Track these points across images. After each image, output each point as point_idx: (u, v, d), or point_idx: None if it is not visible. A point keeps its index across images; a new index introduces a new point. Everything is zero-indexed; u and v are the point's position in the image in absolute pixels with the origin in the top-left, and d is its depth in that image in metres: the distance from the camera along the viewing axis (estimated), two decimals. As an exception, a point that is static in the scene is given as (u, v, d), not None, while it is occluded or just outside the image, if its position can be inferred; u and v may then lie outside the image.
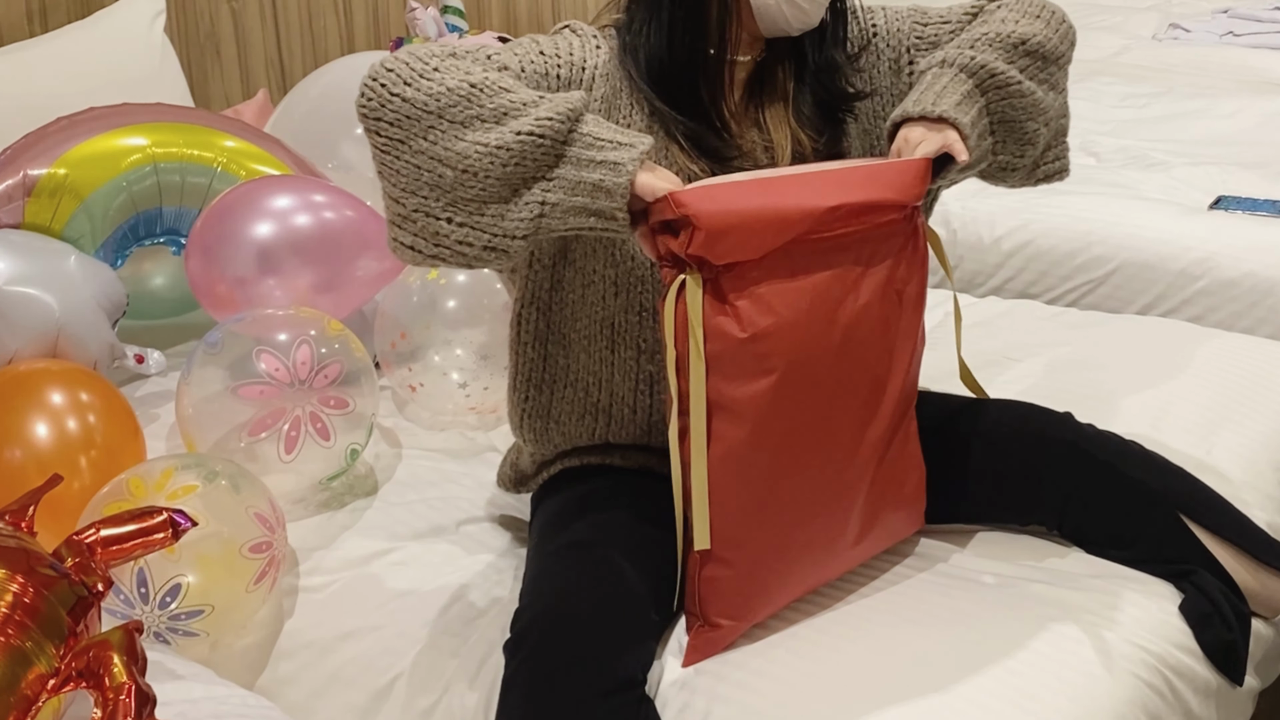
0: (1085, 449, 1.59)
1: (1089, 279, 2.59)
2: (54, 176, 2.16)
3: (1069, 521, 1.60)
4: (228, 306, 2.04)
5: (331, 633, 1.62)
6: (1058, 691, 1.38)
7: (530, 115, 1.35)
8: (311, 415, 1.79)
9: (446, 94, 1.36)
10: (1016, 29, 1.54)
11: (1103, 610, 1.50)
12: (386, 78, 1.37)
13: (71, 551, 1.36)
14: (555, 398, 1.59)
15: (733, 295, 1.37)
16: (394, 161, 1.38)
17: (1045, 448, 1.60)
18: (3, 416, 1.79)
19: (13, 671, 1.15)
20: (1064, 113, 1.64)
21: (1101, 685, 1.40)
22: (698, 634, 1.46)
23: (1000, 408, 1.67)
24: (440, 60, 1.39)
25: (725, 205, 1.34)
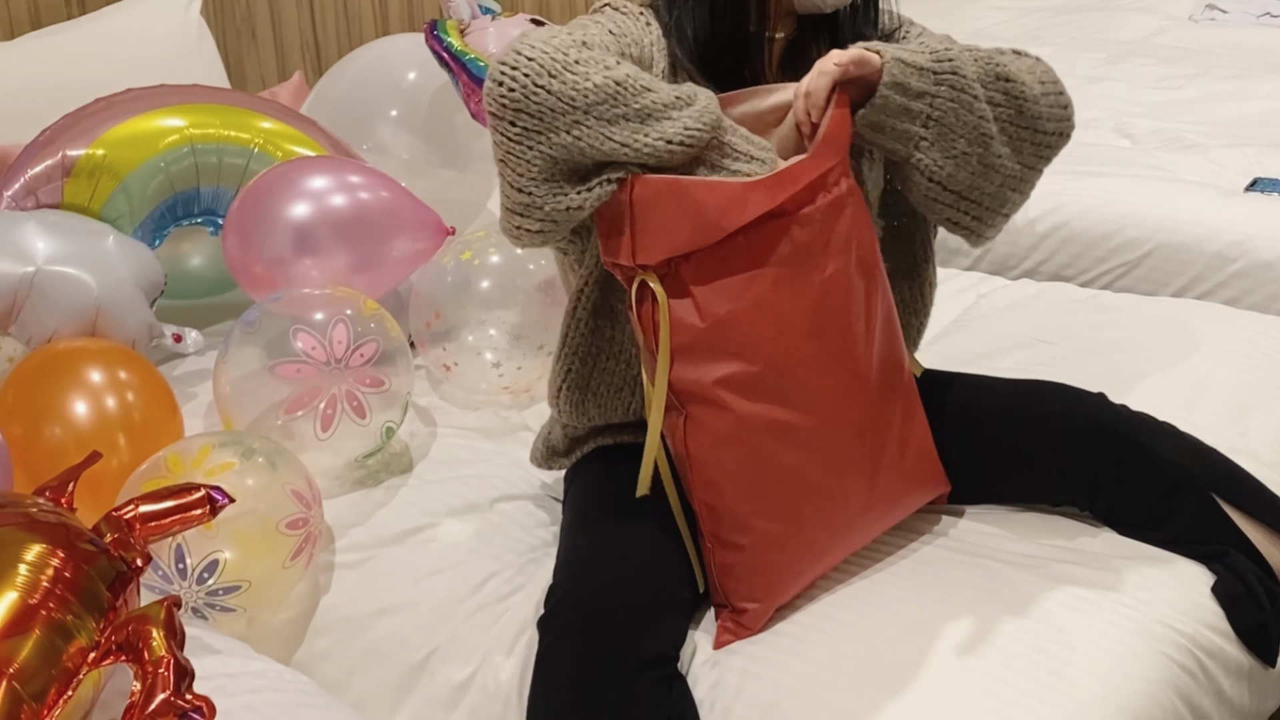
0: (1118, 429, 1.58)
1: (1123, 261, 2.57)
2: (92, 157, 2.17)
3: (1101, 502, 1.59)
4: (265, 286, 2.04)
5: (367, 608, 1.63)
6: (1088, 672, 1.38)
7: (678, 123, 1.36)
8: (348, 394, 1.80)
9: (594, 90, 1.34)
10: (1009, 66, 1.51)
11: (1134, 591, 1.49)
12: (529, 68, 1.35)
13: (111, 527, 1.37)
14: (596, 369, 1.59)
15: (693, 286, 1.38)
16: (527, 152, 1.37)
17: (1078, 428, 1.59)
18: (42, 394, 1.80)
19: (54, 644, 1.16)
20: (1015, 185, 1.55)
21: (1133, 666, 1.40)
22: (725, 619, 1.46)
23: (1033, 387, 1.66)
24: (579, 52, 1.37)
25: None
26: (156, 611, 1.21)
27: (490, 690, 1.50)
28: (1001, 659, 1.39)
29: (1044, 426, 1.60)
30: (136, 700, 1.13)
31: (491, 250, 2.05)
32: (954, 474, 1.60)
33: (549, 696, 1.38)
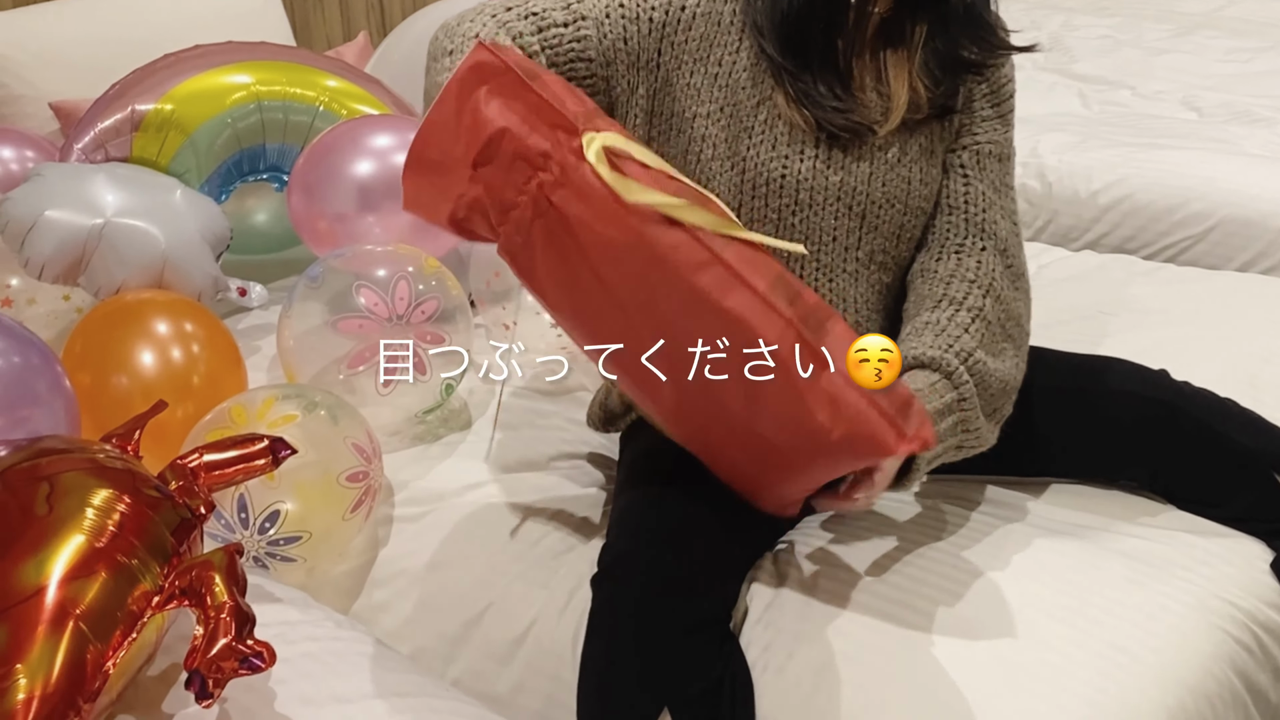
0: (1180, 406, 1.56)
1: (1187, 235, 2.53)
2: (161, 112, 2.18)
3: (1161, 479, 1.57)
4: (328, 242, 2.05)
5: (424, 562, 1.64)
6: (1145, 644, 1.36)
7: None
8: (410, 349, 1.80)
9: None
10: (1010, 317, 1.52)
11: (1193, 565, 1.47)
12: (432, 46, 1.44)
13: (175, 475, 1.38)
14: None
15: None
16: None
17: (1140, 406, 1.56)
18: (110, 344, 1.82)
19: (120, 588, 1.17)
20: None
21: (1190, 640, 1.38)
22: None
23: (1095, 363, 1.63)
24: (464, 42, 1.41)
25: None
26: (219, 558, 1.21)
27: (545, 645, 1.51)
28: (1058, 629, 1.37)
29: (1106, 404, 1.57)
30: (199, 644, 1.14)
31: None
32: (1014, 446, 1.58)
33: (602, 654, 1.38)
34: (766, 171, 1.48)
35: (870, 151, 1.50)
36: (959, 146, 1.57)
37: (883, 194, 1.51)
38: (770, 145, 1.48)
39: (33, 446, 1.33)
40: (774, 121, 1.48)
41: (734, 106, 1.49)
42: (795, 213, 1.50)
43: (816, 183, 1.49)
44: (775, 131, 1.48)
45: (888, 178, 1.51)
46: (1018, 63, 3.41)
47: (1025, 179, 2.72)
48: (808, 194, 1.49)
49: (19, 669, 1.09)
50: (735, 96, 1.49)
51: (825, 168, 1.49)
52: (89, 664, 1.11)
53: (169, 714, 1.21)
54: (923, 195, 1.55)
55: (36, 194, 1.98)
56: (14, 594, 1.14)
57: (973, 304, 1.50)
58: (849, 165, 1.49)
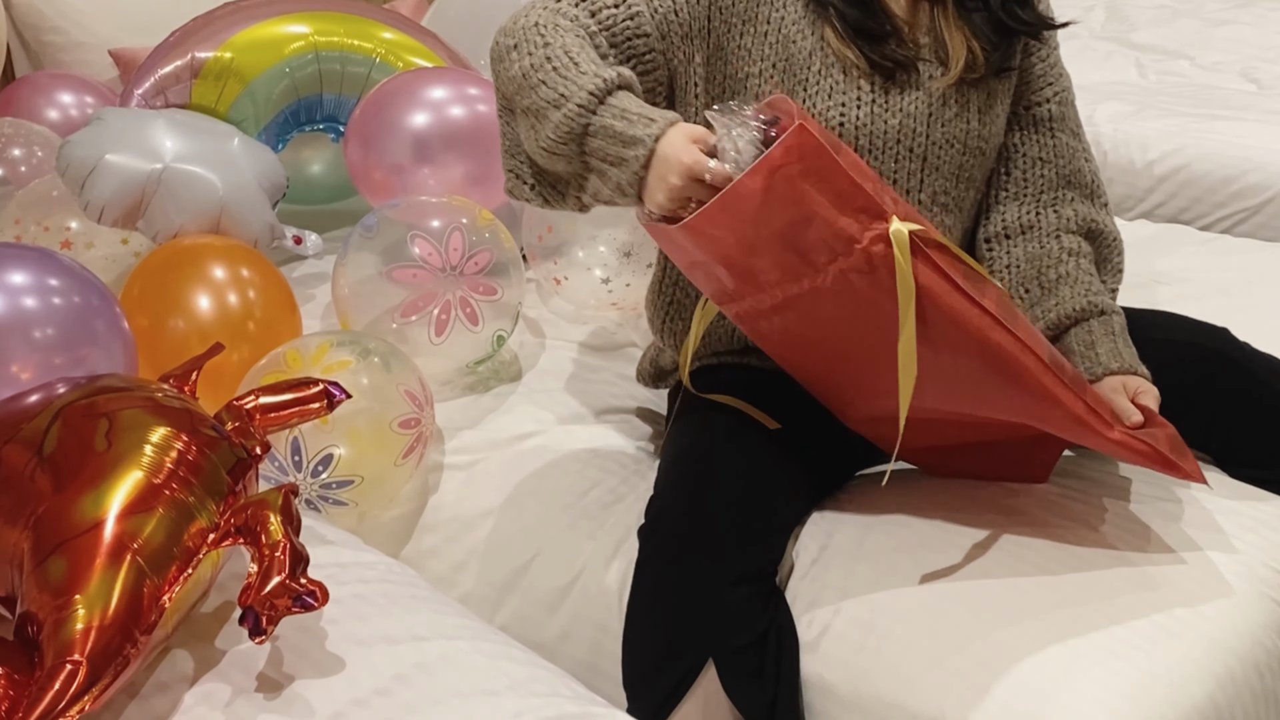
0: (1241, 363, 1.54)
1: (1243, 207, 2.49)
2: (220, 60, 2.18)
3: (1216, 438, 1.54)
4: (383, 193, 2.05)
5: (474, 510, 1.64)
6: (1193, 610, 1.34)
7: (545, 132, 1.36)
8: (461, 300, 1.80)
9: (519, 79, 1.39)
10: None
11: (1241, 533, 1.44)
12: (494, 49, 1.43)
13: (232, 416, 1.38)
14: (697, 297, 1.57)
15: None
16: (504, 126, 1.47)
17: (1200, 357, 1.54)
18: (168, 288, 1.82)
19: (177, 524, 1.18)
20: None
21: (1239, 608, 1.36)
22: None
23: (1155, 316, 1.62)
24: (524, 33, 1.40)
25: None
26: (275, 498, 1.21)
27: (592, 594, 1.51)
28: (1105, 594, 1.35)
29: (1164, 353, 1.54)
30: (253, 582, 1.14)
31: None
32: None
33: (648, 605, 1.38)
34: (825, 121, 1.47)
35: (927, 97, 1.50)
36: (1040, 99, 1.61)
37: (942, 135, 1.51)
38: (826, 94, 1.47)
39: (92, 384, 1.33)
40: (828, 71, 1.48)
41: (786, 61, 1.48)
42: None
43: (875, 128, 1.48)
44: (830, 80, 1.48)
45: (945, 119, 1.51)
46: (1074, 31, 3.41)
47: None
48: (867, 139, 1.48)
49: (77, 599, 1.10)
50: (787, 50, 1.48)
51: (883, 111, 1.48)
52: (145, 597, 1.12)
53: (222, 650, 1.22)
54: (982, 136, 1.54)
55: (97, 138, 1.98)
56: (73, 527, 1.15)
57: (1086, 250, 1.59)
58: (906, 108, 1.49)
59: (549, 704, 1.16)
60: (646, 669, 1.37)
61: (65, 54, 2.65)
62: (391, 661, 1.19)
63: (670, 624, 1.34)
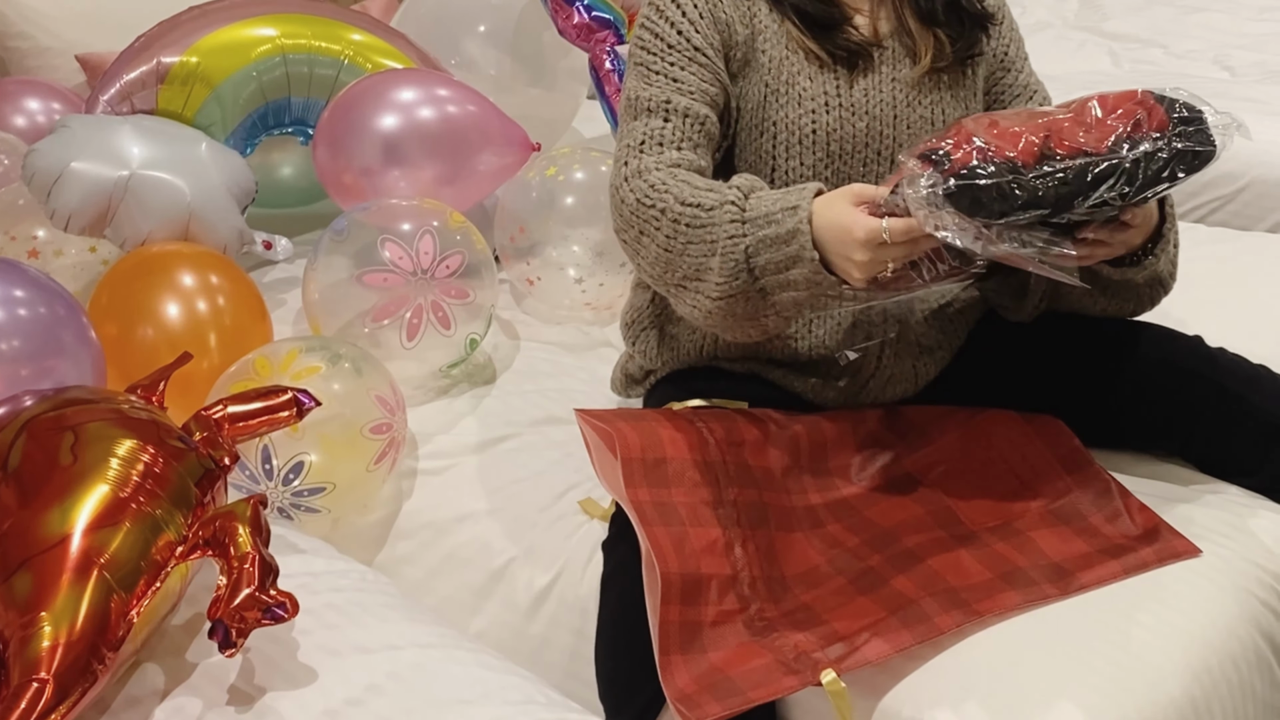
0: (1214, 379, 1.52)
1: (1217, 195, 2.49)
2: (186, 64, 2.16)
3: (1194, 449, 1.54)
4: (354, 196, 2.04)
5: (449, 514, 1.63)
6: (1169, 605, 1.34)
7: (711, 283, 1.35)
8: (433, 304, 1.79)
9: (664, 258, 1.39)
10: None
11: (1220, 527, 1.44)
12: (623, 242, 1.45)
13: (200, 426, 1.38)
14: (668, 309, 1.57)
15: None
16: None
17: (1174, 377, 1.53)
18: (136, 295, 1.81)
19: (144, 537, 1.17)
20: None
21: (1215, 601, 1.36)
22: None
23: (1128, 332, 1.59)
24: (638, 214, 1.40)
25: None
26: (243, 508, 1.21)
27: (569, 600, 1.50)
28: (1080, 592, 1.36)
29: (1138, 370, 1.54)
30: (222, 594, 1.14)
31: (576, 167, 2.03)
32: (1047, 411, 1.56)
33: (616, 619, 1.37)
34: (799, 129, 1.48)
35: (891, 98, 1.50)
36: (1016, 86, 1.61)
37: (908, 136, 1.51)
38: (797, 102, 1.48)
39: (58, 396, 1.32)
40: (794, 79, 1.48)
41: (758, 71, 1.49)
42: (828, 165, 1.49)
43: (845, 132, 1.48)
44: (798, 88, 1.48)
45: (910, 120, 1.51)
46: (1047, 20, 3.41)
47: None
48: (838, 145, 1.49)
49: (44, 617, 1.09)
50: (758, 59, 1.49)
51: (850, 115, 1.48)
52: (113, 612, 1.11)
53: (193, 663, 1.21)
54: None
55: (63, 145, 1.97)
56: (39, 542, 1.14)
57: None
58: (872, 110, 1.49)
59: (523, 712, 1.16)
60: (619, 686, 1.36)
61: (32, 59, 2.63)
62: (365, 671, 1.18)
63: (638, 639, 1.31)
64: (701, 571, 1.29)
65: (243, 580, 1.14)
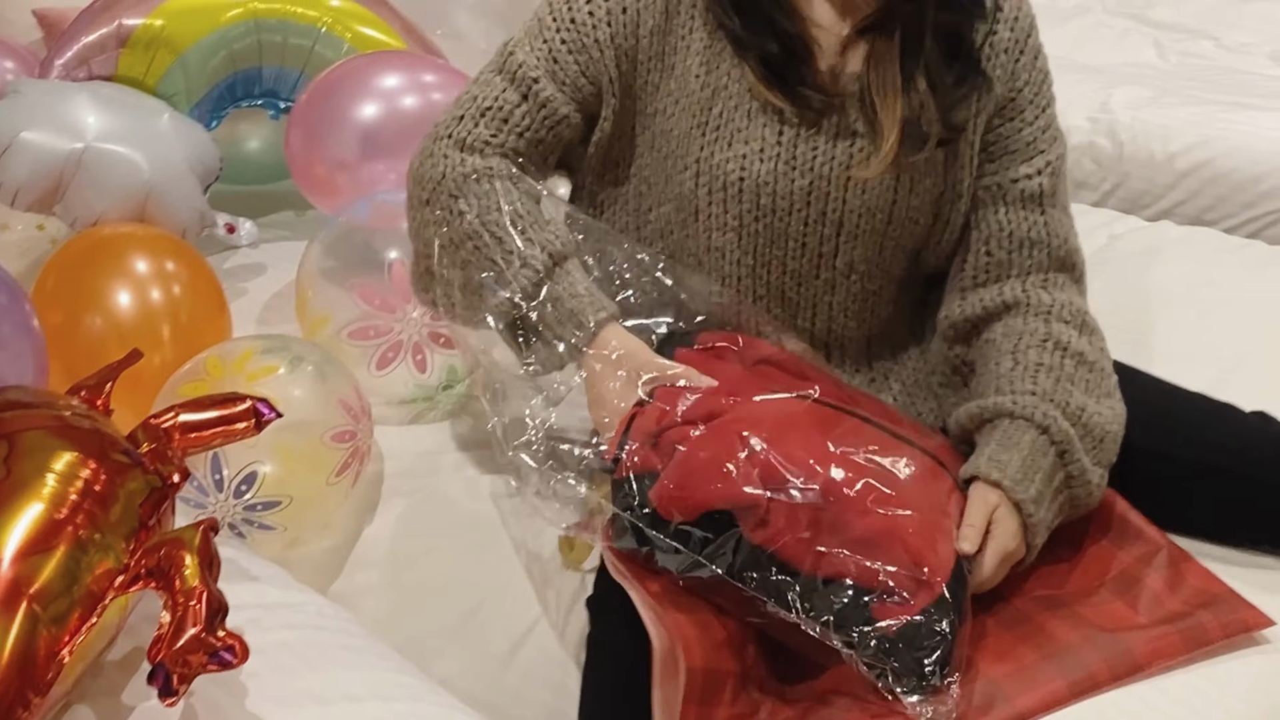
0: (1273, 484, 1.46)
1: (1275, 208, 2.47)
2: (150, 28, 2.14)
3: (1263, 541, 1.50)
4: (324, 189, 2.02)
5: (416, 545, 1.60)
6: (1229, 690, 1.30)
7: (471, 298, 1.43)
8: (415, 345, 1.77)
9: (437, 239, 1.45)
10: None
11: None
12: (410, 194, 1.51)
13: (148, 436, 1.34)
14: None
15: None
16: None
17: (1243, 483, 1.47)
18: (85, 281, 1.79)
19: (79, 565, 1.14)
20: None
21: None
22: None
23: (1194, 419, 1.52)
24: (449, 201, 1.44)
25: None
26: (191, 536, 1.18)
27: (549, 650, 1.47)
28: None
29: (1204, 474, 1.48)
30: (165, 633, 1.10)
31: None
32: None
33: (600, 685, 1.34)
34: (724, 174, 1.43)
35: (845, 159, 1.43)
36: (1031, 171, 1.50)
37: (862, 203, 1.44)
38: (726, 144, 1.43)
39: (-7, 398, 1.30)
40: (729, 115, 1.43)
41: (686, 99, 1.45)
42: (758, 219, 1.45)
43: (780, 187, 1.43)
44: (731, 128, 1.43)
45: (867, 185, 1.44)
46: (1086, 4, 3.38)
47: (1094, 136, 2.65)
48: (770, 199, 1.43)
49: (-38, 656, 1.06)
50: (687, 87, 1.45)
51: (789, 169, 1.43)
52: (41, 651, 1.08)
53: (130, 705, 1.18)
54: (912, 207, 1.47)
55: (12, 113, 1.95)
56: (-39, 568, 1.11)
57: (1075, 348, 1.46)
58: (819, 168, 1.43)
59: (494, 777, 1.13)
60: None
61: (-17, 12, 2.60)
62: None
63: (623, 710, 1.28)
64: (720, 668, 1.26)
65: (188, 619, 1.11)
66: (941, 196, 1.50)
